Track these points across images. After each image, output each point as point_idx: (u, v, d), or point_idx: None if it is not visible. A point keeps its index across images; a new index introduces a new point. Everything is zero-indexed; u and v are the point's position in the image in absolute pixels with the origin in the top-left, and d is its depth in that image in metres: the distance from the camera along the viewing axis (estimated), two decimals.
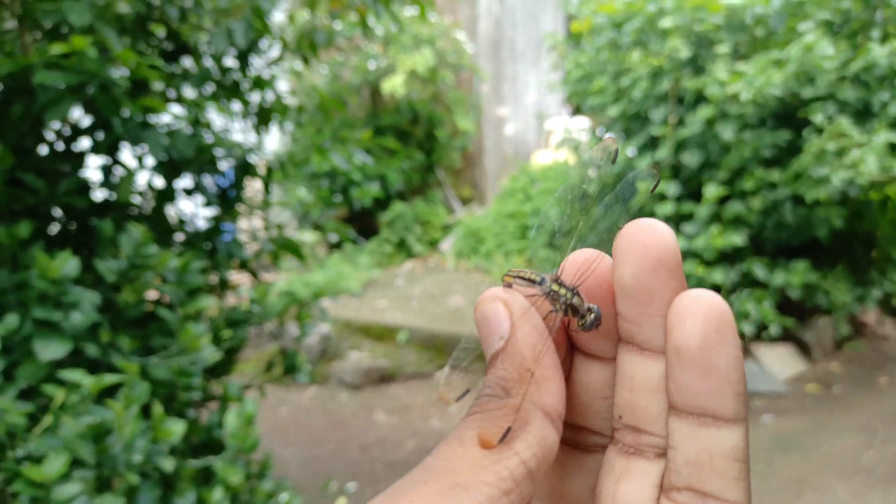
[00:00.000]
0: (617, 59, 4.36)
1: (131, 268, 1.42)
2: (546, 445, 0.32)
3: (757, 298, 4.07)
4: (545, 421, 0.32)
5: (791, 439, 3.50)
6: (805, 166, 3.80)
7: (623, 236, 0.33)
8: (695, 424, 0.32)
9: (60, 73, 1.44)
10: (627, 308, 0.34)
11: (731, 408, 0.32)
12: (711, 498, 0.32)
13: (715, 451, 0.32)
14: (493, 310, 0.34)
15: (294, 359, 1.81)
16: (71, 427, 1.16)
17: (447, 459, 0.31)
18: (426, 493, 0.29)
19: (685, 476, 0.33)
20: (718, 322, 0.31)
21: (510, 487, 0.30)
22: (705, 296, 0.32)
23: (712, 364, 0.31)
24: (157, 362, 1.39)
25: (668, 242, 0.33)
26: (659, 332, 0.33)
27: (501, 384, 0.32)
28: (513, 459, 0.30)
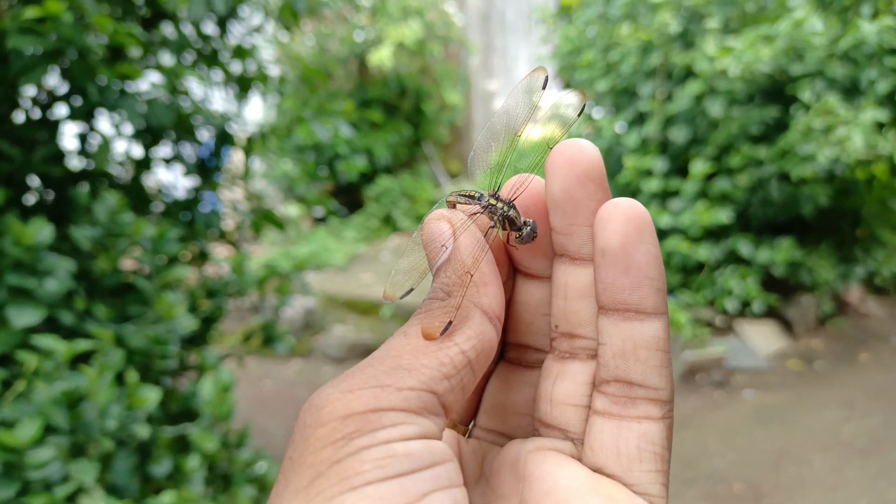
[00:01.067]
0: (606, 32, 4.32)
1: (106, 235, 1.41)
2: (485, 339, 0.34)
3: (741, 275, 4.10)
4: (483, 318, 0.34)
5: (772, 413, 3.55)
6: (792, 143, 3.80)
7: (552, 155, 0.36)
8: (619, 319, 0.35)
9: (35, 38, 1.41)
10: (558, 220, 0.36)
11: (652, 301, 0.34)
12: (636, 385, 0.35)
13: (638, 341, 0.35)
14: (438, 227, 0.37)
15: (272, 329, 1.80)
16: (44, 393, 1.15)
17: (391, 349, 0.33)
18: (370, 374, 0.31)
19: (613, 368, 0.35)
20: (638, 224, 0.34)
21: (450, 372, 0.32)
22: (626, 202, 0.34)
23: (633, 261, 0.34)
24: (133, 330, 1.39)
25: (593, 157, 0.35)
26: (587, 240, 0.36)
27: (444, 288, 0.35)
28: (453, 349, 0.33)
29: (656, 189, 4.10)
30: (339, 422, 0.30)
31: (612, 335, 0.35)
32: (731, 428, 3.41)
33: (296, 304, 4.30)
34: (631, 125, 4.29)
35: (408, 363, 0.32)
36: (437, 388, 0.32)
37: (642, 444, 0.35)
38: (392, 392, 0.31)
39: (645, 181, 4.15)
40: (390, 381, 0.31)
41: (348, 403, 0.30)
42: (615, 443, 0.35)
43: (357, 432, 0.30)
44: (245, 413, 3.67)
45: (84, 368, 1.19)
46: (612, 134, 4.27)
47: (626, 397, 0.35)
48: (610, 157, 4.42)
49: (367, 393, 0.31)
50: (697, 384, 3.79)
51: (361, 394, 0.30)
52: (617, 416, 0.35)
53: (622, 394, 0.35)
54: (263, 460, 1.63)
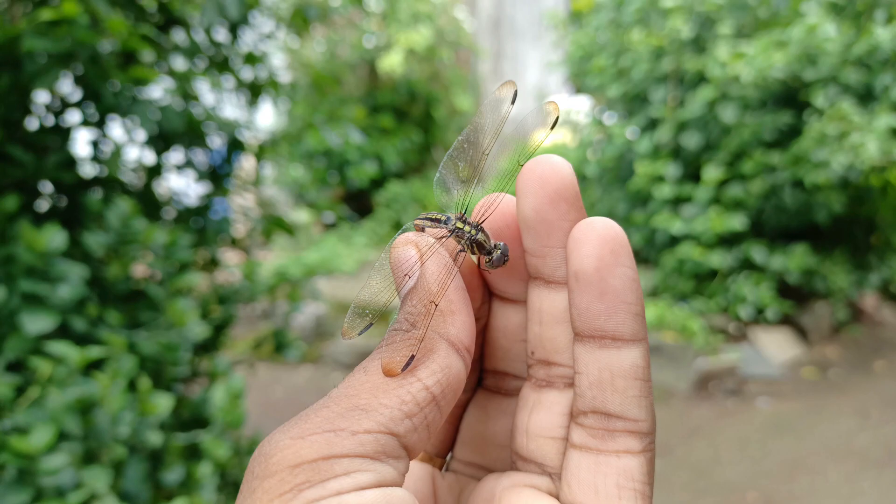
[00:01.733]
0: (618, 38, 4.31)
1: (118, 242, 1.41)
2: (451, 373, 0.32)
3: (755, 282, 4.06)
4: (450, 350, 0.32)
5: (786, 423, 3.51)
6: (805, 150, 3.77)
7: (523, 173, 0.34)
8: (595, 347, 0.33)
9: (49, 41, 1.42)
10: (531, 241, 0.34)
11: (629, 328, 0.32)
12: (614, 417, 0.33)
13: (616, 370, 0.32)
14: (404, 253, 0.35)
15: (283, 336, 1.80)
16: (57, 399, 1.15)
17: (349, 387, 0.31)
18: (325, 416, 0.29)
19: (590, 399, 0.33)
20: (613, 245, 0.32)
21: (413, 411, 0.30)
22: (600, 222, 0.32)
23: (608, 285, 0.32)
24: (145, 337, 1.38)
25: (565, 175, 0.33)
26: (562, 262, 0.34)
27: (409, 318, 0.32)
28: (416, 385, 0.30)
29: (668, 195, 4.08)
30: (288, 472, 0.28)
31: (589, 364, 0.33)
32: (744, 437, 3.38)
33: (306, 310, 4.31)
34: (643, 131, 4.28)
35: (365, 403, 0.30)
36: (397, 429, 0.30)
37: (621, 480, 0.33)
38: (346, 437, 0.29)
39: (657, 187, 4.13)
40: (345, 425, 0.29)
41: (298, 451, 0.28)
42: (593, 479, 0.33)
43: (306, 483, 0.28)
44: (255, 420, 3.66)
45: (97, 375, 1.18)
46: (624, 140, 4.25)
47: (604, 430, 0.33)
48: (622, 163, 4.40)
49: (318, 439, 0.28)
50: (710, 392, 3.76)
51: (312, 440, 0.28)
52: (595, 450, 0.33)
53: (600, 426, 0.33)
54: None
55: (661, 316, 3.91)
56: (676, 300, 4.19)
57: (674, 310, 3.99)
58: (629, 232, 4.47)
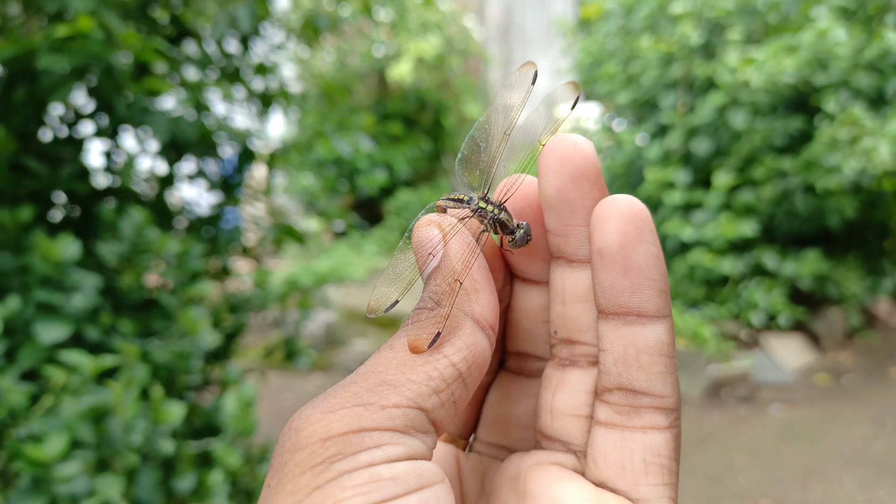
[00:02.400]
0: (627, 44, 4.31)
1: (132, 251, 1.42)
2: (476, 351, 0.32)
3: (767, 288, 4.04)
4: (475, 328, 0.32)
5: (799, 430, 3.48)
6: (816, 155, 3.75)
7: (544, 153, 0.34)
8: (620, 324, 0.33)
9: (64, 56, 1.44)
10: (553, 221, 0.35)
11: (654, 304, 0.32)
12: (640, 394, 0.33)
13: (640, 346, 0.32)
14: (427, 233, 0.34)
15: (294, 345, 1.81)
16: (71, 408, 1.16)
17: (376, 364, 0.31)
18: (353, 391, 0.29)
19: (615, 376, 0.33)
20: (637, 222, 0.32)
21: (440, 387, 0.30)
22: (623, 199, 0.32)
23: (632, 262, 0.32)
24: (157, 346, 1.40)
25: (587, 153, 0.33)
26: (585, 241, 0.34)
27: (433, 297, 0.33)
28: (442, 362, 0.31)
29: (679, 201, 4.07)
30: (319, 445, 0.28)
31: (614, 341, 0.33)
32: (757, 444, 3.35)
33: (317, 318, 4.32)
34: (653, 137, 4.27)
35: (393, 378, 0.30)
36: (425, 404, 0.30)
37: (648, 456, 0.33)
38: (376, 410, 0.29)
39: (667, 193, 4.12)
40: (374, 399, 0.29)
41: (328, 425, 0.28)
42: (619, 455, 0.33)
43: (338, 455, 0.28)
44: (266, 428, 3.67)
45: (110, 383, 1.20)
46: (634, 146, 4.25)
47: (629, 406, 0.33)
48: (632, 170, 4.39)
49: (348, 412, 0.29)
50: (723, 399, 3.73)
51: (343, 414, 0.29)
52: (620, 427, 0.33)
53: (625, 403, 0.33)
54: None
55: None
56: (688, 307, 4.17)
57: (685, 316, 3.97)
58: None
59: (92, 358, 1.21)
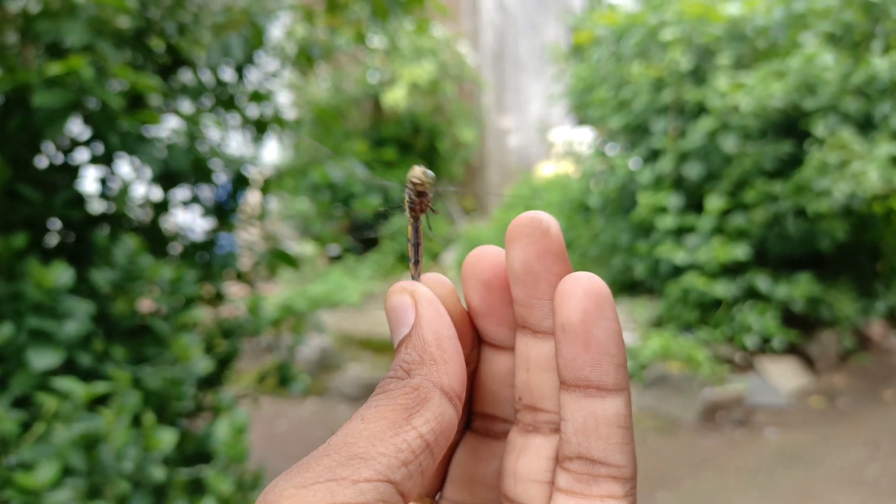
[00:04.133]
0: (618, 70, 4.37)
1: (124, 278, 1.43)
2: (444, 421, 0.33)
3: (760, 311, 4.05)
4: (443, 399, 0.33)
5: (795, 453, 3.48)
6: (807, 179, 3.79)
7: (512, 227, 0.36)
8: (581, 396, 0.34)
9: (58, 93, 1.46)
10: (519, 293, 0.36)
11: (613, 378, 0.34)
12: (599, 463, 0.34)
13: (600, 418, 0.34)
14: (401, 301, 0.36)
15: (288, 370, 1.81)
16: (63, 435, 1.16)
17: (347, 435, 0.31)
18: (326, 464, 0.30)
19: (575, 445, 0.35)
20: (598, 299, 0.34)
21: (409, 458, 0.31)
22: (586, 277, 0.34)
23: (593, 337, 0.34)
24: (149, 372, 1.40)
25: (552, 229, 0.35)
26: (548, 314, 0.36)
27: (404, 367, 0.34)
28: (411, 433, 0.31)
29: (671, 226, 4.10)
30: None
31: (574, 411, 0.35)
32: (753, 468, 3.34)
33: (311, 342, 4.31)
34: (645, 162, 4.31)
35: (364, 451, 0.30)
36: (394, 476, 0.30)
37: None
38: (347, 485, 0.29)
39: (660, 218, 4.15)
40: (346, 474, 0.30)
41: (302, 500, 0.29)
42: None
43: None
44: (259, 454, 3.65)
45: (102, 410, 1.20)
46: (626, 171, 4.28)
47: (588, 475, 0.35)
48: (624, 194, 4.43)
49: (321, 488, 0.29)
50: (718, 423, 3.73)
51: (316, 489, 0.29)
52: (580, 495, 0.35)
53: (585, 471, 0.35)
54: None
55: (666, 346, 3.90)
56: (681, 330, 4.18)
57: (679, 340, 3.98)
58: (633, 262, 4.49)
59: (84, 385, 1.21)
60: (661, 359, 3.89)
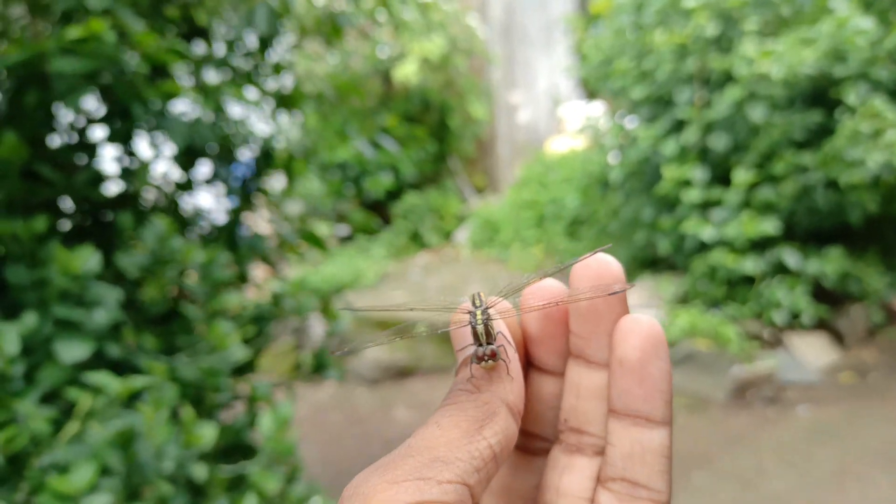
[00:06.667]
0: (639, 39, 4.22)
1: (154, 262, 1.33)
2: (508, 435, 0.36)
3: (789, 286, 3.95)
4: (509, 415, 0.37)
5: (828, 430, 3.39)
6: (838, 149, 3.66)
7: (576, 268, 0.39)
8: (630, 424, 0.38)
9: (77, 60, 1.35)
10: (579, 326, 0.39)
11: (661, 411, 0.37)
12: (641, 487, 0.37)
13: (646, 446, 0.37)
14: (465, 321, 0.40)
15: (324, 357, 1.71)
16: (99, 434, 1.07)
17: (426, 439, 0.34)
18: (412, 465, 0.33)
19: (620, 468, 0.38)
20: (655, 341, 0.37)
21: (480, 465, 0.34)
22: (646, 319, 0.38)
23: (647, 374, 0.37)
24: (185, 363, 1.30)
25: (618, 275, 0.38)
26: (604, 348, 0.39)
27: (474, 382, 0.37)
28: (482, 443, 0.35)
29: (697, 199, 3.98)
30: None
31: (622, 437, 0.38)
32: (787, 446, 3.26)
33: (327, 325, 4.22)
34: (668, 133, 4.18)
35: (444, 455, 0.33)
36: (469, 480, 0.33)
37: None
38: (433, 485, 0.32)
39: (685, 191, 4.02)
40: (431, 474, 0.32)
41: (395, 495, 0.31)
42: None
43: None
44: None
45: (140, 406, 1.10)
46: (649, 143, 4.15)
47: (630, 496, 0.37)
48: (647, 168, 4.30)
49: (410, 486, 0.32)
50: (748, 401, 3.64)
51: (406, 486, 0.32)
52: None
53: (627, 493, 0.37)
54: (317, 495, 1.54)
55: (693, 323, 3.80)
56: (708, 306, 4.08)
57: (706, 316, 3.89)
58: (656, 238, 4.37)
59: (119, 379, 1.11)
60: (689, 336, 3.79)
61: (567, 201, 5.64)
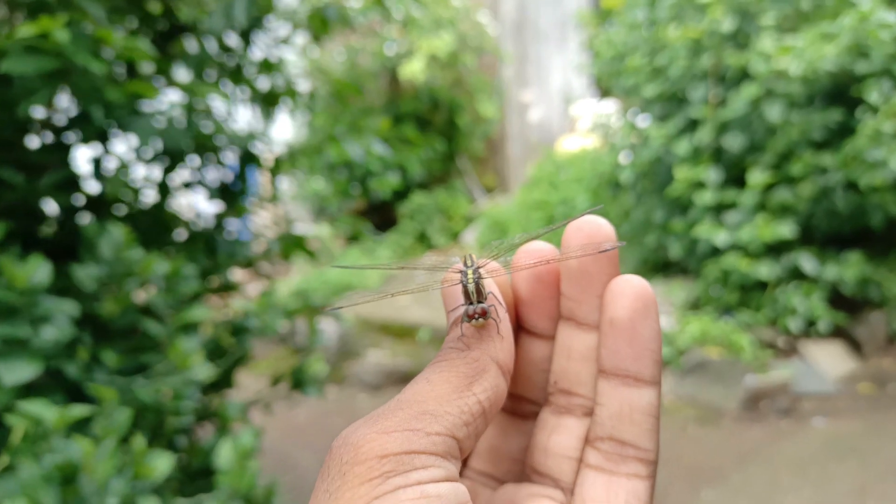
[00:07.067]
0: (653, 35, 4.08)
1: (112, 274, 1.23)
2: (498, 392, 0.37)
3: (805, 292, 3.80)
4: (498, 372, 0.37)
5: (846, 444, 3.24)
6: (859, 149, 3.50)
7: (570, 230, 0.39)
8: (619, 384, 0.38)
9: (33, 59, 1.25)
10: (571, 288, 0.40)
11: (650, 371, 0.38)
12: (628, 446, 0.38)
13: (635, 406, 0.38)
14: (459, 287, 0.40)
15: (303, 373, 1.61)
16: (32, 469, 0.97)
17: (416, 394, 0.35)
18: (401, 417, 0.33)
19: (608, 427, 0.39)
20: (645, 301, 0.38)
21: (469, 420, 0.35)
22: (636, 279, 0.38)
23: (637, 334, 0.38)
24: (142, 384, 1.20)
25: (609, 235, 0.39)
26: (595, 309, 0.40)
27: (465, 340, 0.38)
28: (472, 399, 0.35)
29: (710, 201, 3.83)
30: (377, 461, 0.31)
31: (611, 397, 0.38)
32: (803, 460, 3.12)
33: (329, 329, 4.13)
34: (681, 133, 4.03)
35: (433, 409, 0.34)
36: (458, 433, 0.34)
37: (630, 499, 0.37)
38: (422, 436, 0.33)
39: (698, 193, 3.88)
40: (420, 426, 0.33)
41: (384, 444, 0.32)
42: (605, 495, 0.37)
43: (393, 472, 0.31)
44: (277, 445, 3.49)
45: (78, 438, 1.00)
46: (661, 143, 4.01)
47: (618, 455, 0.38)
48: (659, 168, 4.16)
49: (399, 436, 0.32)
50: (762, 412, 3.50)
51: (395, 436, 0.32)
52: (608, 472, 0.38)
53: (615, 451, 0.38)
54: None
55: (705, 330, 3.66)
56: (721, 313, 3.93)
57: (719, 323, 3.74)
58: (667, 241, 4.23)
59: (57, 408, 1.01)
60: (700, 344, 3.65)
61: (577, 202, 5.51)
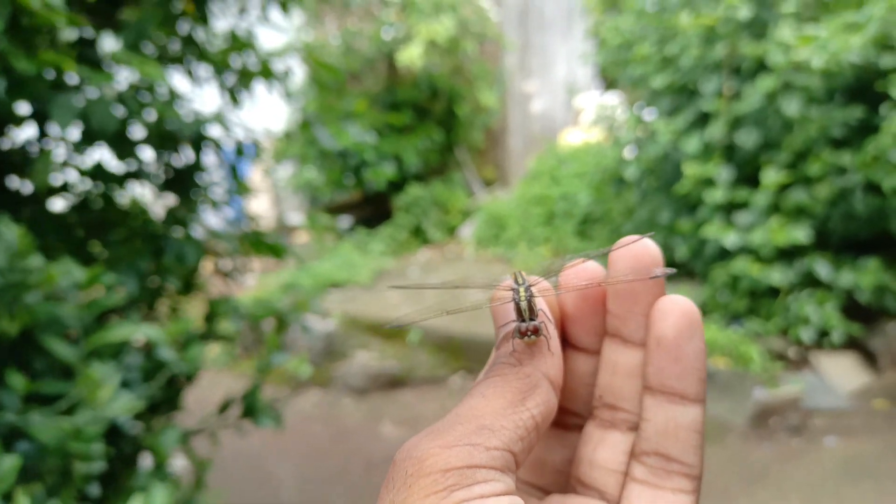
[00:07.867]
0: (663, 22, 3.83)
1: (5, 286, 1.00)
2: (549, 407, 0.38)
3: (819, 300, 3.56)
4: (549, 388, 0.38)
5: (861, 465, 3.02)
6: (882, 148, 3.26)
7: (618, 252, 0.40)
8: (664, 401, 0.39)
9: None
10: (617, 306, 0.41)
11: (695, 389, 0.39)
12: (674, 461, 0.39)
13: (680, 423, 0.39)
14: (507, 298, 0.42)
15: (254, 399, 1.38)
16: None
17: (473, 409, 0.36)
18: (461, 431, 0.35)
19: (654, 443, 0.39)
20: (691, 321, 0.39)
21: (523, 434, 0.36)
22: (683, 300, 0.39)
23: (683, 353, 0.39)
24: (39, 422, 0.97)
25: (658, 259, 0.40)
26: (640, 327, 0.41)
27: (517, 356, 0.39)
28: (525, 413, 0.37)
29: (720, 200, 3.59)
30: (440, 474, 0.33)
31: (657, 414, 0.39)
32: (815, 483, 2.90)
33: (315, 327, 3.90)
34: (691, 128, 3.79)
35: (490, 424, 0.35)
36: (514, 448, 0.35)
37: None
38: (482, 451, 0.34)
39: (707, 191, 3.64)
40: (479, 441, 0.34)
41: (447, 458, 0.33)
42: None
43: (456, 485, 0.33)
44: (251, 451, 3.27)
45: None
46: (668, 138, 3.77)
47: (663, 470, 0.39)
48: (666, 164, 3.92)
49: (461, 450, 0.33)
50: (771, 430, 3.27)
51: (457, 450, 0.33)
52: (654, 486, 0.39)
53: (660, 466, 0.39)
54: None
55: (712, 339, 3.43)
56: (729, 321, 3.70)
57: (727, 332, 3.51)
58: (673, 242, 4.00)
59: None
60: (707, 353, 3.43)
61: (579, 198, 5.27)
